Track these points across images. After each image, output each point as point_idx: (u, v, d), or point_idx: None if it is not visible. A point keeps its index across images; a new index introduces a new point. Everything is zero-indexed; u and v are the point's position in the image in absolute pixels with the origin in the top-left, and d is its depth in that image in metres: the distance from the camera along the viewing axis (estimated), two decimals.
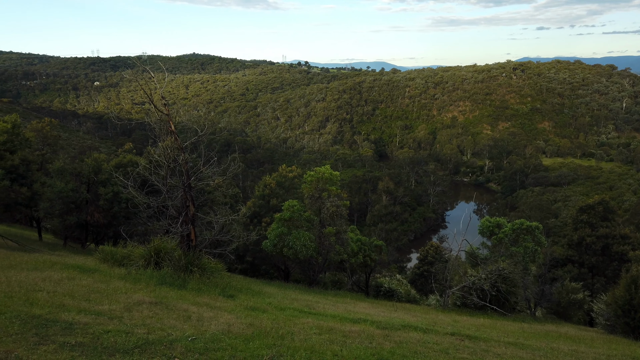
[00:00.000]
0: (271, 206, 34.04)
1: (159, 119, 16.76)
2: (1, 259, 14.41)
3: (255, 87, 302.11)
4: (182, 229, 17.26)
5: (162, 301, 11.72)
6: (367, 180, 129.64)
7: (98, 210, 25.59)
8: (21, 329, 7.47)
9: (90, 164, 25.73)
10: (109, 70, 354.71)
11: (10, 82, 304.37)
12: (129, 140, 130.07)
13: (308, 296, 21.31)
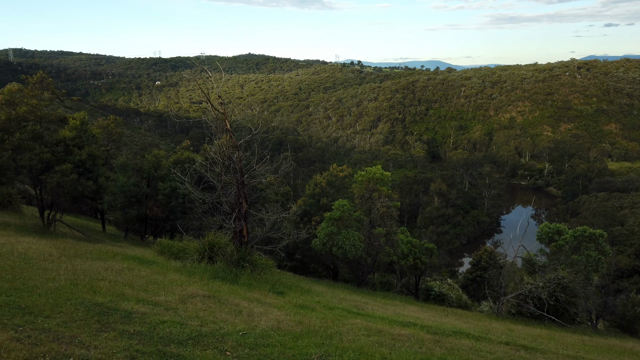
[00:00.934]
0: (321, 205, 34.18)
1: (216, 117, 17.22)
2: (68, 248, 15.32)
3: (307, 87, 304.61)
4: (235, 225, 17.66)
5: (215, 295, 12.03)
6: (419, 181, 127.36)
7: (157, 204, 26.72)
8: (85, 316, 7.88)
9: (150, 160, 26.90)
10: (169, 70, 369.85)
11: (79, 82, 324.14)
12: (187, 138, 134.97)
13: (356, 296, 21.22)
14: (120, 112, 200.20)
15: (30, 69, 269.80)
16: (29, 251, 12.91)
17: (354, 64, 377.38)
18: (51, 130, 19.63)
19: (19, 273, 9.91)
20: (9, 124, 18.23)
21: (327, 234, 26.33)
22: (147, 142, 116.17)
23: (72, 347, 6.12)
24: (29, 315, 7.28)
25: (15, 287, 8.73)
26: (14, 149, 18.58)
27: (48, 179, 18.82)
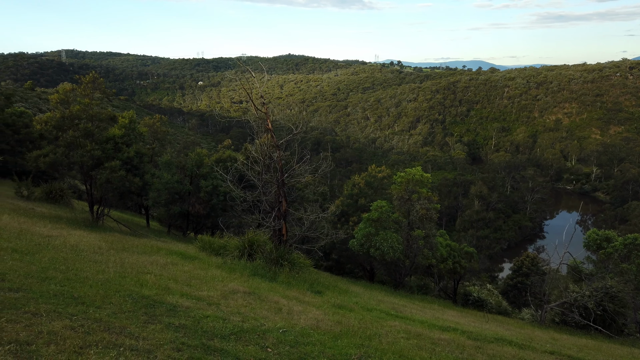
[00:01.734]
0: (359, 206, 34.06)
1: (257, 117, 17.47)
2: (116, 242, 15.92)
3: (346, 87, 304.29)
4: (275, 224, 17.87)
5: (255, 292, 12.22)
6: (458, 183, 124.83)
7: (199, 201, 27.39)
8: (133, 307, 8.17)
9: (193, 158, 27.61)
10: (211, 70, 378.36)
11: (127, 82, 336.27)
12: (227, 137, 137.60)
13: (394, 299, 21.03)
14: (164, 111, 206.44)
15: (81, 69, 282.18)
16: (80, 244, 13.50)
17: (394, 64, 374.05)
18: (101, 128, 20.50)
19: (72, 264, 10.37)
20: (63, 122, 19.18)
21: (365, 235, 26.22)
22: (189, 140, 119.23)
23: (122, 337, 6.36)
24: (82, 305, 7.61)
25: (68, 277, 9.15)
26: (67, 146, 19.52)
27: (98, 175, 19.66)
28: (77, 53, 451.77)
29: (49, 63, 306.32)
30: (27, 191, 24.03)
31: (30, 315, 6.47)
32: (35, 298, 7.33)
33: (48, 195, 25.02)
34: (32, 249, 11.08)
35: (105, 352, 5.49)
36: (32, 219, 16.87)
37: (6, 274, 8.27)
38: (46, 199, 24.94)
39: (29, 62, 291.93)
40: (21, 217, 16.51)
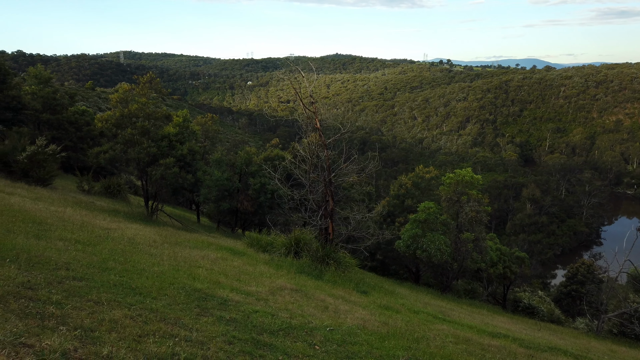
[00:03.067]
0: (405, 206, 33.65)
1: (306, 116, 17.61)
2: (169, 236, 16.52)
3: (393, 87, 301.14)
4: (321, 222, 17.96)
5: (302, 289, 12.33)
6: (509, 186, 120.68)
7: (247, 198, 27.98)
8: (186, 300, 8.44)
9: (242, 157, 28.22)
10: (260, 70, 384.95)
11: (179, 82, 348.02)
12: (275, 136, 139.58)
13: (441, 302, 20.63)
14: (214, 110, 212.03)
15: (138, 69, 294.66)
16: (136, 237, 14.10)
17: (443, 62, 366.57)
18: (157, 126, 21.37)
19: (129, 256, 10.85)
20: (122, 120, 20.15)
21: (412, 236, 25.88)
22: (237, 139, 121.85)
23: (176, 328, 6.59)
24: (139, 296, 7.94)
25: (126, 269, 9.57)
26: (125, 143, 20.48)
27: (153, 171, 20.49)
28: (134, 54, 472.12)
29: (108, 64, 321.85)
30: (88, 185, 25.37)
31: (93, 303, 6.82)
32: (97, 287, 7.72)
33: (107, 190, 26.31)
34: (93, 241, 11.68)
35: (162, 341, 5.71)
36: (92, 212, 17.79)
37: (70, 263, 8.75)
38: (105, 193, 26.24)
39: (90, 63, 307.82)
40: (83, 210, 17.45)
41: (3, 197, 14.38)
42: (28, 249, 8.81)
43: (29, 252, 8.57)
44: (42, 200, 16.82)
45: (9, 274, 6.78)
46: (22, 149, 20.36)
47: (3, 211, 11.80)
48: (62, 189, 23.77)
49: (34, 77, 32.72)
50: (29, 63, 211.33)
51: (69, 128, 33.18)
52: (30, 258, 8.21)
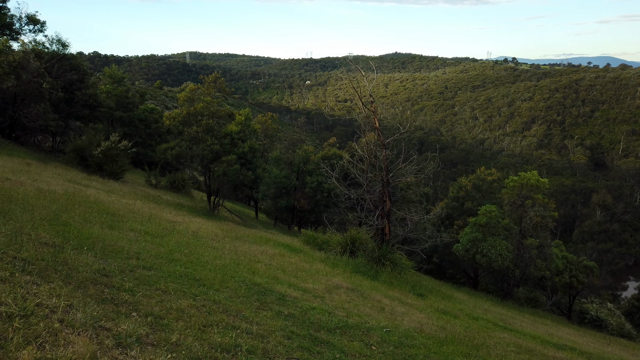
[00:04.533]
0: (465, 209, 32.71)
1: (365, 115, 17.56)
2: (230, 231, 17.06)
3: (454, 86, 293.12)
4: (378, 223, 17.86)
5: (357, 288, 12.33)
6: (577, 190, 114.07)
7: (304, 196, 28.35)
8: (246, 293, 8.69)
9: (300, 155, 28.62)
10: (318, 70, 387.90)
11: (241, 81, 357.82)
12: (331, 135, 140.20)
13: (501, 309, 19.89)
14: (273, 109, 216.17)
15: (202, 69, 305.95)
16: (199, 230, 14.68)
17: (508, 61, 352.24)
18: (220, 124, 22.14)
19: (193, 249, 11.32)
20: (188, 118, 21.07)
21: (471, 240, 25.12)
22: (295, 137, 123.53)
23: (238, 320, 6.80)
24: (203, 287, 8.26)
25: (191, 261, 9.99)
26: (190, 140, 21.38)
27: (215, 167, 21.24)
28: (199, 55, 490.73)
29: (175, 64, 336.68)
30: (155, 180, 26.72)
31: (161, 292, 7.18)
32: (164, 277, 8.11)
33: (172, 185, 27.60)
34: (160, 233, 12.28)
35: (225, 332, 5.92)
36: (159, 205, 18.71)
37: (140, 253, 9.26)
38: (170, 188, 27.52)
39: (158, 63, 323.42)
40: (150, 203, 18.39)
41: (80, 189, 15.44)
42: (103, 239, 9.41)
43: (104, 241, 9.15)
44: (114, 192, 17.89)
45: (87, 261, 7.28)
46: (97, 144, 21.77)
47: (81, 202, 12.67)
48: (132, 182, 25.19)
49: (108, 76, 34.90)
50: (104, 63, 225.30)
51: (139, 125, 35.09)
52: (104, 247, 8.76)
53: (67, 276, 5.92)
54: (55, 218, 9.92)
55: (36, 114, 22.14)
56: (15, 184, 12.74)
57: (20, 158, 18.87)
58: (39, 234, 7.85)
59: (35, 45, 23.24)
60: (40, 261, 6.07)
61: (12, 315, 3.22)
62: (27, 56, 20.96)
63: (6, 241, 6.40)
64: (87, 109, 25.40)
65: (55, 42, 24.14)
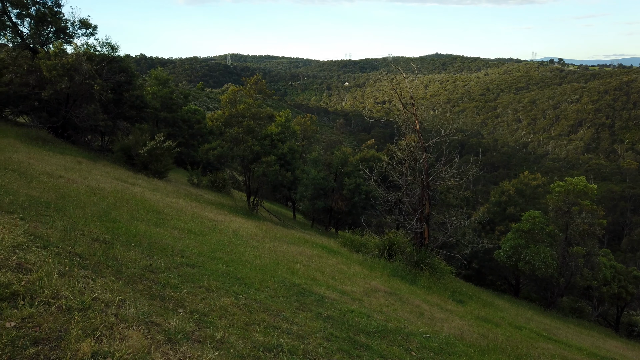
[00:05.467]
0: (507, 214, 31.83)
1: (406, 117, 17.39)
2: (269, 231, 17.27)
3: (496, 87, 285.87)
4: (417, 226, 17.65)
5: (396, 292, 12.23)
6: (627, 197, 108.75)
7: (341, 198, 28.35)
8: (286, 293, 8.77)
9: (338, 157, 28.64)
10: (357, 71, 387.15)
11: (280, 83, 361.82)
12: (369, 137, 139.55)
13: (544, 319, 19.22)
14: (311, 110, 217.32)
15: (243, 71, 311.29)
16: (240, 230, 14.94)
17: (554, 62, 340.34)
18: (261, 125, 22.47)
19: (234, 248, 11.53)
20: (230, 120, 21.51)
21: (513, 247, 24.40)
22: (332, 139, 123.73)
23: (278, 320, 6.88)
24: (244, 286, 8.40)
25: (232, 259, 10.18)
26: (231, 141, 21.81)
27: (255, 168, 21.57)
28: (239, 57, 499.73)
29: (216, 66, 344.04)
30: (197, 179, 27.39)
31: (204, 289, 7.35)
32: (207, 275, 8.30)
33: (213, 184, 28.20)
34: (202, 231, 12.58)
35: (267, 331, 6.01)
36: (201, 204, 19.16)
37: (184, 251, 9.51)
38: (211, 187, 28.13)
39: (201, 65, 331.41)
40: (193, 201, 18.87)
41: (127, 187, 16.02)
42: (149, 236, 9.73)
43: (150, 239, 9.46)
44: (158, 191, 18.46)
45: (135, 257, 7.55)
46: (143, 144, 22.53)
47: (128, 200, 13.15)
48: (174, 181, 25.91)
49: (154, 78, 36.07)
50: (149, 65, 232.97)
51: (182, 125, 36.09)
52: (151, 244, 9.06)
53: (118, 272, 6.16)
54: (104, 215, 10.33)
55: (87, 114, 23.15)
56: (68, 181, 13.35)
57: (71, 156, 19.76)
58: (91, 230, 8.20)
59: (87, 49, 24.28)
60: (93, 256, 6.34)
61: (72, 308, 3.39)
62: (79, 59, 21.94)
63: (61, 236, 6.72)
64: (134, 109, 26.34)
65: (106, 45, 25.15)
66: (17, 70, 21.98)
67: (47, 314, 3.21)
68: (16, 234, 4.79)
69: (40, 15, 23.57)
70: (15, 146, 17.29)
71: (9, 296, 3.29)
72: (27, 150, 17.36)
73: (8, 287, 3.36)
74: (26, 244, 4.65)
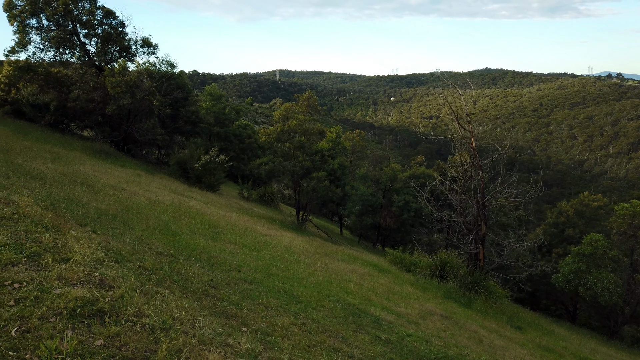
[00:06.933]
0: (565, 236, 30.32)
1: (461, 135, 17.00)
2: (319, 247, 17.24)
3: (550, 103, 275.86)
4: (471, 247, 17.09)
5: (451, 316, 11.82)
6: None
7: (390, 215, 27.98)
8: (342, 313, 8.64)
9: (387, 173, 28.36)
10: (404, 86, 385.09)
11: (326, 98, 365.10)
12: (416, 152, 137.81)
13: (609, 349, 18.03)
14: (357, 125, 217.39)
15: (290, 86, 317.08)
16: (291, 245, 14.99)
17: (612, 76, 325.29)
18: (311, 141, 22.65)
19: (288, 264, 11.55)
20: (282, 135, 21.83)
21: (573, 271, 23.15)
22: (378, 154, 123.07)
23: (338, 341, 6.75)
24: (300, 304, 8.35)
25: (287, 276, 10.18)
26: (282, 156, 22.09)
27: (305, 183, 21.69)
28: (287, 72, 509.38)
29: (265, 82, 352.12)
30: (247, 193, 27.87)
31: (264, 307, 7.35)
32: (265, 292, 8.32)
33: (262, 198, 28.60)
34: (256, 246, 12.70)
35: (330, 355, 5.90)
36: (252, 218, 19.43)
37: (241, 266, 9.61)
38: (260, 201, 28.53)
39: (250, 81, 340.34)
40: (245, 215, 19.16)
41: (184, 200, 16.48)
42: (208, 250, 9.91)
43: (209, 253, 9.62)
44: (212, 204, 18.88)
45: (196, 271, 7.67)
46: (197, 157, 23.21)
47: (186, 214, 13.50)
48: (226, 194, 26.47)
49: (208, 94, 37.30)
50: (202, 81, 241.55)
51: (233, 140, 36.98)
52: (210, 258, 9.21)
53: (183, 287, 6.26)
54: (165, 228, 10.63)
55: (146, 129, 24.16)
56: (130, 193, 13.89)
57: (131, 169, 20.60)
58: (155, 244, 8.43)
59: (148, 66, 25.45)
60: (160, 270, 6.49)
61: (155, 327, 3.43)
62: (141, 76, 23.01)
63: (131, 250, 6.93)
64: (189, 124, 27.27)
65: (165, 62, 26.28)
66: (83, 87, 23.30)
67: (132, 332, 3.26)
68: (94, 249, 4.96)
69: (106, 35, 24.96)
70: (82, 159, 18.23)
71: (96, 313, 3.37)
72: (92, 162, 18.25)
73: (94, 303, 3.44)
74: (104, 259, 4.80)
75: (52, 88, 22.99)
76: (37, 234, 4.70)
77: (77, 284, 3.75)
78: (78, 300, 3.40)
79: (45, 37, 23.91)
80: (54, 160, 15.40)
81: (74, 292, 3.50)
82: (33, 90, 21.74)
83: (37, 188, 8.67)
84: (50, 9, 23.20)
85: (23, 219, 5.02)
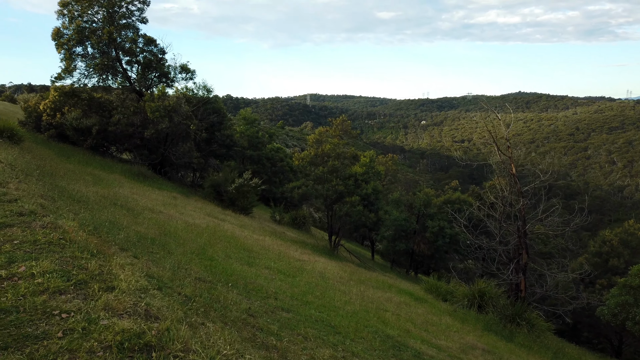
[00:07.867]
0: (610, 267, 28.89)
1: (501, 161, 16.56)
2: (353, 273, 16.90)
3: (587, 127, 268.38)
4: (512, 277, 16.42)
5: (494, 350, 11.28)
6: None
7: (424, 241, 27.36)
8: (381, 346, 8.32)
9: (421, 198, 27.86)
10: (435, 110, 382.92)
11: (357, 121, 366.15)
12: (446, 176, 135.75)
13: None
14: (387, 149, 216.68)
15: (321, 110, 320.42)
16: (325, 271, 14.73)
17: None
18: (345, 165, 22.57)
19: (324, 291, 11.30)
20: (316, 159, 21.83)
21: (620, 304, 21.87)
22: (409, 178, 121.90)
23: None
24: (339, 335, 8.09)
25: (323, 304, 9.94)
26: (315, 180, 22.03)
27: (338, 208, 21.50)
28: (318, 96, 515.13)
29: (296, 105, 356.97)
30: (279, 216, 27.86)
31: (302, 338, 7.14)
32: (302, 321, 8.11)
33: (293, 221, 28.51)
34: (291, 272, 12.52)
35: None
36: (285, 242, 19.30)
37: (277, 293, 9.44)
38: (292, 224, 28.44)
39: (282, 104, 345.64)
40: (278, 239, 19.05)
41: (219, 224, 16.53)
42: (244, 276, 9.80)
43: (245, 279, 9.51)
44: (245, 227, 18.88)
45: (234, 299, 7.55)
46: (231, 181, 23.41)
47: (221, 237, 13.49)
48: (258, 217, 26.51)
49: (242, 118, 37.96)
50: (235, 105, 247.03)
51: (266, 163, 37.32)
52: (246, 284, 9.09)
53: (223, 315, 6.13)
54: (202, 252, 10.61)
55: (182, 152, 24.64)
56: (167, 217, 14.02)
57: (167, 191, 20.92)
58: (193, 269, 8.38)
59: (186, 91, 26.13)
60: (199, 298, 6.38)
61: None
62: (179, 101, 23.60)
63: (171, 276, 6.88)
64: (224, 148, 27.68)
65: (202, 88, 26.96)
66: (124, 111, 24.04)
67: None
68: (138, 276, 4.90)
69: (147, 62, 25.83)
70: (120, 181, 18.64)
71: (143, 347, 3.26)
72: (131, 185, 18.63)
73: (141, 336, 3.33)
74: (148, 287, 4.72)
75: (95, 112, 23.82)
76: (83, 260, 4.68)
77: (124, 314, 3.67)
78: (125, 332, 3.30)
79: (90, 64, 24.94)
80: (95, 183, 15.78)
81: (121, 323, 3.41)
82: (77, 114, 22.57)
83: (81, 212, 8.80)
84: (96, 38, 24.23)
85: (69, 244, 5.02)
